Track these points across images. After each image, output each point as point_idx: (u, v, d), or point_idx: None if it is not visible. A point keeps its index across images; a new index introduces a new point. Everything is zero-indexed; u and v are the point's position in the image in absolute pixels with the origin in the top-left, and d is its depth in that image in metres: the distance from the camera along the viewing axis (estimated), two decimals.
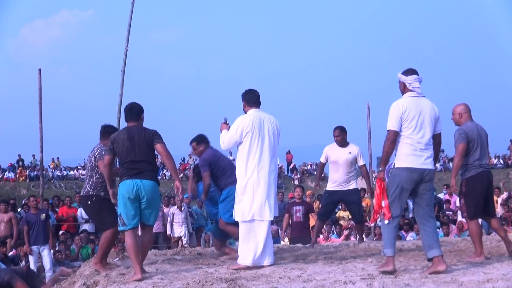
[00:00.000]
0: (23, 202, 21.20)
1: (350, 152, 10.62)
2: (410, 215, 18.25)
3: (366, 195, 17.71)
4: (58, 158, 42.77)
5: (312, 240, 10.97)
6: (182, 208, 17.47)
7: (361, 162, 10.83)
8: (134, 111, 7.57)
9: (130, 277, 6.92)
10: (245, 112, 7.98)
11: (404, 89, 7.14)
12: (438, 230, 16.95)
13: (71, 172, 41.28)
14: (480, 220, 8.72)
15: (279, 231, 15.91)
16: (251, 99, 8.00)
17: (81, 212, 17.62)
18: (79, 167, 41.63)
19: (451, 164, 28.26)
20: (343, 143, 10.68)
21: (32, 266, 14.20)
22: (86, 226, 17.09)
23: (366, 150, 16.58)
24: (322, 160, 10.99)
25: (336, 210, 19.84)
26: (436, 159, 7.12)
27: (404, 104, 6.90)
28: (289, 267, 7.47)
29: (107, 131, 8.36)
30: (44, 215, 14.18)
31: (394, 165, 7.02)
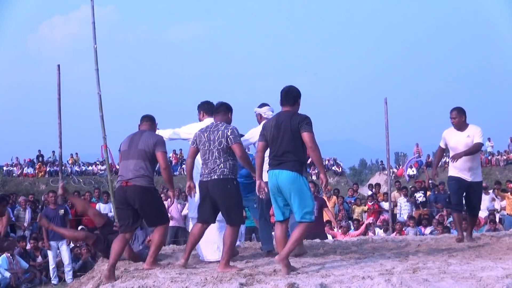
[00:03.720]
0: (42, 197, 21.37)
1: (468, 136, 9.65)
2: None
3: None
4: (76, 153, 43.06)
5: (458, 235, 9.92)
6: None
7: (476, 140, 9.61)
8: (291, 94, 7.18)
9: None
10: (200, 121, 8.51)
11: (260, 119, 8.56)
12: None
13: (90, 168, 41.48)
14: None
15: None
16: (208, 109, 8.51)
17: (99, 207, 17.75)
18: (97, 162, 41.83)
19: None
20: (460, 126, 9.71)
21: (51, 261, 14.31)
22: None
23: (383, 146, 16.54)
24: (442, 145, 10.15)
25: (351, 204, 19.82)
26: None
27: (258, 130, 7.75)
28: (307, 262, 7.47)
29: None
30: (62, 210, 14.28)
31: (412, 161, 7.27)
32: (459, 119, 9.66)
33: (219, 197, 7.36)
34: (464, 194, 9.86)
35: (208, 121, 8.31)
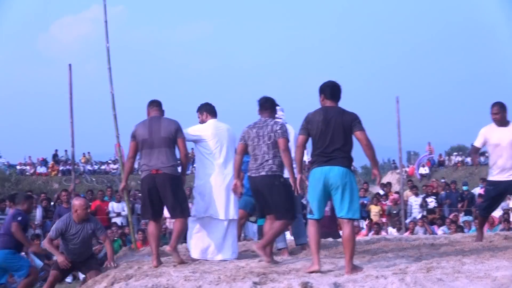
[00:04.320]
0: (55, 196, 21.40)
1: None
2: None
3: None
4: (89, 152, 43.19)
5: (478, 236, 9.67)
6: None
7: None
8: (337, 90, 6.98)
9: (308, 268, 6.72)
10: (201, 122, 8.57)
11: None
12: (471, 223, 16.90)
13: (102, 167, 41.59)
14: None
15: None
16: (211, 110, 8.59)
17: (112, 206, 17.78)
18: (109, 161, 41.95)
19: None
20: (503, 121, 9.21)
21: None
22: (117, 220, 17.23)
23: (395, 144, 16.50)
24: (477, 144, 9.54)
25: (367, 202, 19.72)
26: None
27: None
28: (321, 262, 7.44)
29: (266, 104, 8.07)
30: None
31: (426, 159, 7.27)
32: (502, 114, 9.20)
33: (267, 193, 7.46)
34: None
35: (212, 122, 8.46)
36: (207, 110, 8.65)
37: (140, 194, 17.43)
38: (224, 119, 8.63)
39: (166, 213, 8.37)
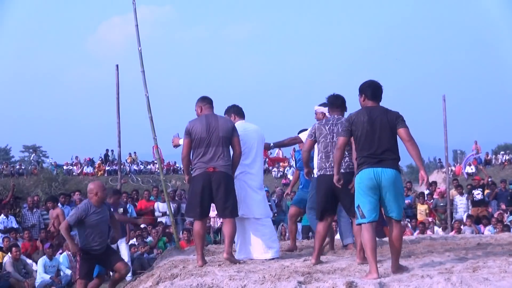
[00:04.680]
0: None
1: None
2: None
3: None
4: (135, 152, 43.47)
5: None
6: None
7: None
8: (378, 90, 6.89)
9: (365, 275, 6.39)
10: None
11: (323, 117, 8.53)
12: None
13: (148, 167, 41.86)
14: None
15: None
16: (239, 111, 8.74)
17: (158, 205, 17.92)
18: (155, 161, 42.19)
19: None
20: None
21: (129, 266, 14.50)
22: (163, 219, 17.34)
23: (442, 143, 16.38)
24: None
25: (410, 201, 19.59)
26: None
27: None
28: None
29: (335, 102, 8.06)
30: (121, 209, 14.40)
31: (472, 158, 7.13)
32: None
33: (343, 191, 7.34)
34: None
35: (240, 123, 8.52)
36: (235, 112, 8.75)
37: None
38: (275, 120, 8.73)
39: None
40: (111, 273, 10.05)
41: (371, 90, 6.82)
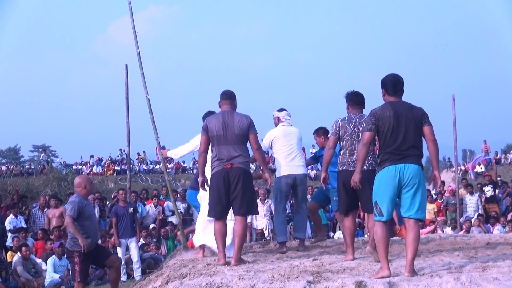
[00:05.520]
0: (112, 195, 21.67)
1: None
2: None
3: None
4: (144, 152, 43.52)
5: None
6: (265, 201, 17.52)
7: None
8: (400, 84, 6.70)
9: (375, 274, 6.35)
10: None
11: (278, 121, 9.65)
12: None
13: (157, 166, 41.87)
14: None
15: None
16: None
17: (167, 205, 17.98)
18: (159, 161, 42.21)
19: None
20: None
21: (120, 257, 14.54)
22: (172, 219, 17.38)
23: (451, 143, 16.37)
24: None
25: None
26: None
27: (275, 132, 9.54)
28: (373, 261, 7.43)
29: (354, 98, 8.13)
30: (132, 208, 14.46)
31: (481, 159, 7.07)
32: None
33: (366, 188, 7.15)
34: None
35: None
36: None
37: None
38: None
39: None
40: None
41: (392, 84, 6.64)
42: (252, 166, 20.98)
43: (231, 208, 7.98)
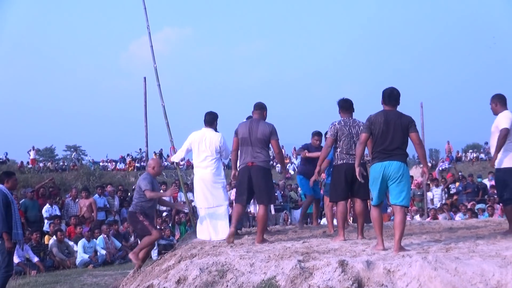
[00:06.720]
0: (133, 187, 21.65)
1: None
2: None
3: None
4: (161, 149, 43.49)
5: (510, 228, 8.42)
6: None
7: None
8: (394, 96, 6.89)
9: (373, 246, 6.94)
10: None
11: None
12: (484, 211, 16.67)
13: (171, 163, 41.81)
14: None
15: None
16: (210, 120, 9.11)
17: (181, 195, 17.96)
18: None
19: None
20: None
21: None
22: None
23: None
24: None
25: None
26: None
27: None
28: (355, 243, 7.44)
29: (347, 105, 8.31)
30: None
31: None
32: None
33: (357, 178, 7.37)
34: None
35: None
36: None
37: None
38: (282, 126, 8.91)
39: None
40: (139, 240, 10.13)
41: (387, 95, 6.89)
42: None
43: (248, 198, 8.38)
